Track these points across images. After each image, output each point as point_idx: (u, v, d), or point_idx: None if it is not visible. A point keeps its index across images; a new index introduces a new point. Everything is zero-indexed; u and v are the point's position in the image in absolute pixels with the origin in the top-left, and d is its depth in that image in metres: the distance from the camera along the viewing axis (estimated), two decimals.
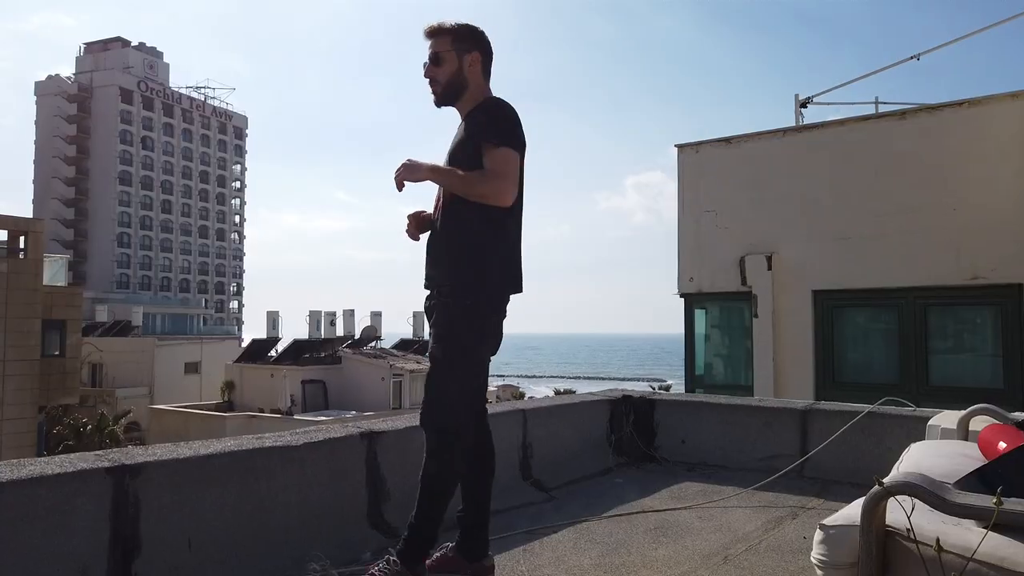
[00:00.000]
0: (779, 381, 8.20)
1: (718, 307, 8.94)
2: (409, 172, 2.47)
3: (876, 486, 1.56)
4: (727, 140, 8.59)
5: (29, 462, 2.18)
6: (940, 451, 2.37)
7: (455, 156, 2.55)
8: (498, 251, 2.51)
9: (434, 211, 2.63)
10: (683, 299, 8.88)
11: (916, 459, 2.25)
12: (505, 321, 2.61)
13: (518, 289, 2.57)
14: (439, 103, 2.60)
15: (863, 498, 1.60)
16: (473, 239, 2.50)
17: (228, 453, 2.47)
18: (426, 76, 2.59)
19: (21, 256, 22.71)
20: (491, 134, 2.45)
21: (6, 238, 23.12)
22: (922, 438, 3.00)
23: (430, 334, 2.56)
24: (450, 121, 2.72)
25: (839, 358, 8.01)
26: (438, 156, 2.67)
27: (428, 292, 2.61)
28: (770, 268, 8.12)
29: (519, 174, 2.51)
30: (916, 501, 1.52)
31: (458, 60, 2.55)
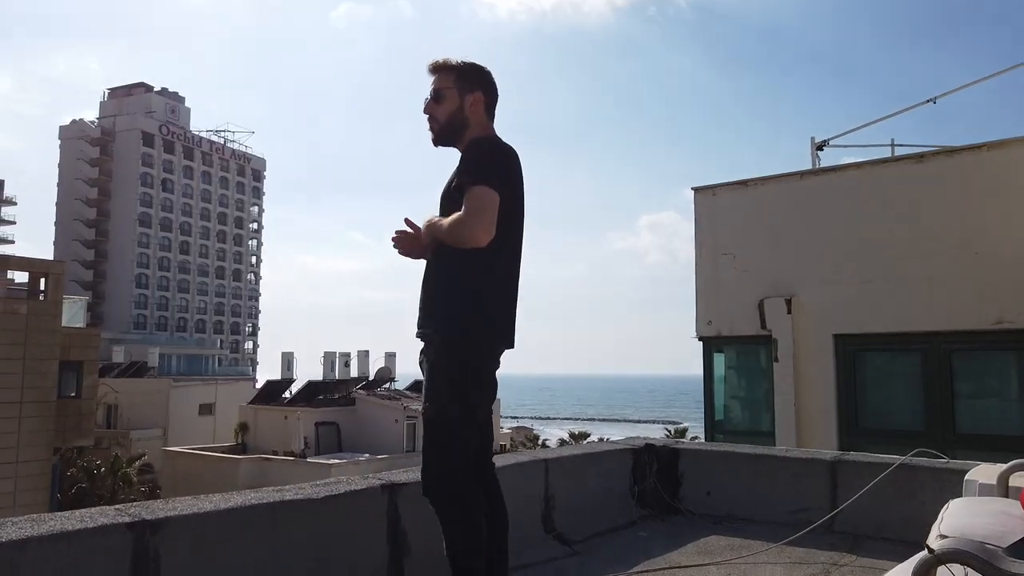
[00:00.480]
0: (801, 427, 8.06)
1: (737, 351, 8.85)
2: (408, 248, 2.48)
3: (925, 552, 1.49)
4: (743, 183, 8.59)
5: (49, 517, 2.15)
6: (982, 510, 2.29)
7: (444, 203, 2.44)
8: (486, 302, 2.36)
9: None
10: (702, 342, 8.80)
11: (957, 519, 2.17)
12: (519, 361, 2.55)
13: (509, 344, 2.43)
14: (437, 142, 2.48)
15: (908, 563, 1.54)
16: (458, 287, 2.35)
17: (249, 507, 2.43)
18: (425, 112, 2.48)
19: (41, 298, 22.95)
20: (468, 173, 2.32)
21: (27, 280, 23.42)
22: (957, 492, 2.91)
23: (423, 391, 2.42)
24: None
25: (862, 404, 7.87)
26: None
27: (418, 330, 2.46)
28: (790, 311, 8.05)
29: (510, 214, 2.35)
30: (968, 569, 1.45)
31: (459, 98, 2.44)
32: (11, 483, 21.76)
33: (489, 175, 2.29)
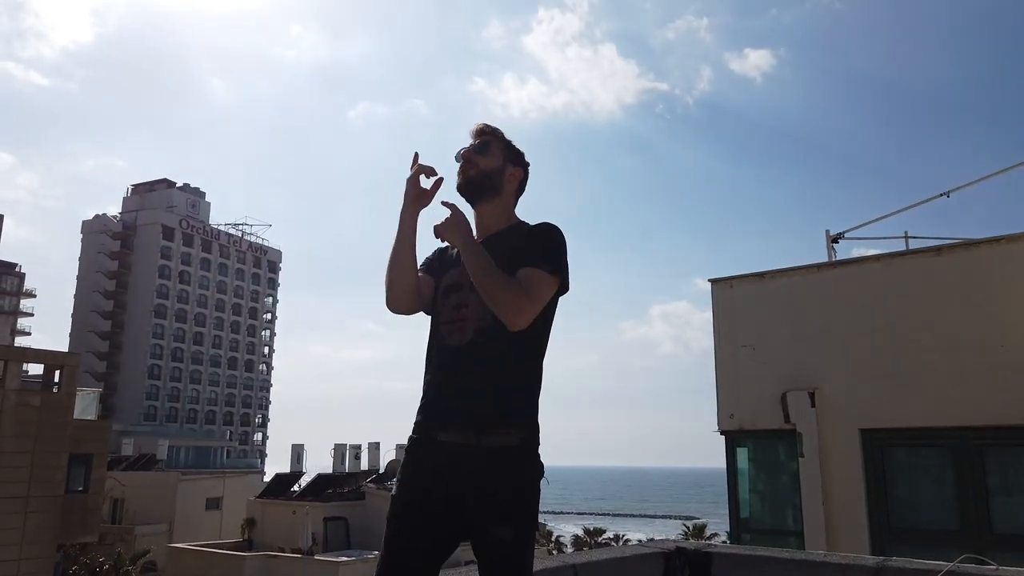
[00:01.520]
0: (831, 525, 7.77)
1: (761, 445, 8.64)
2: (453, 232, 2.15)
3: None
4: (761, 275, 8.61)
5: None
6: None
7: (519, 261, 2.15)
8: (540, 387, 2.16)
9: (456, 301, 2.19)
10: (724, 436, 8.61)
11: None
12: None
13: None
14: (464, 189, 2.26)
15: None
16: (538, 380, 2.15)
17: None
18: (463, 156, 2.27)
19: (55, 390, 22.96)
20: (549, 258, 2.13)
21: (42, 372, 23.49)
22: None
23: (484, 503, 2.00)
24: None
25: (893, 501, 7.61)
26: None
27: (453, 430, 2.07)
28: (813, 405, 7.90)
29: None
30: None
31: (503, 161, 2.30)
32: None
33: (564, 273, 2.17)
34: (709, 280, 8.92)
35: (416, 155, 2.23)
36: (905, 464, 7.75)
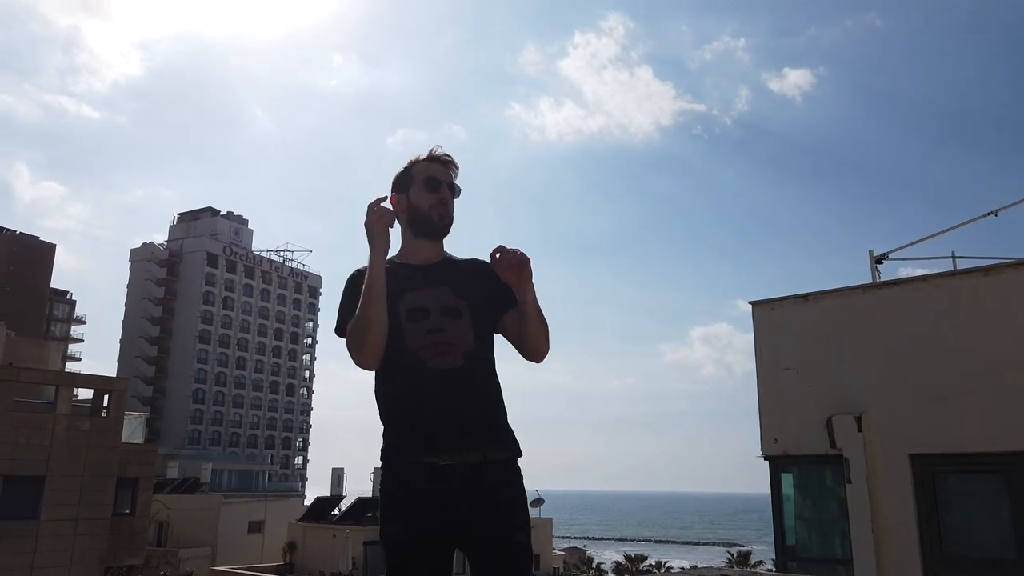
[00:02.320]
0: (880, 553, 7.55)
1: (806, 471, 8.46)
2: (528, 279, 2.18)
3: None
4: (804, 297, 8.48)
5: None
6: None
7: (505, 302, 2.28)
8: None
9: (453, 331, 2.23)
10: (768, 462, 8.45)
11: None
12: (566, 477, 2.38)
13: None
14: (445, 235, 2.37)
15: None
16: (498, 383, 2.32)
17: None
18: (445, 202, 2.35)
19: (103, 414, 23.51)
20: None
21: (91, 396, 24.10)
22: None
23: (515, 517, 2.16)
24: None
25: (946, 529, 7.37)
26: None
27: (460, 451, 2.13)
28: (860, 430, 7.72)
29: None
30: None
31: None
32: None
33: None
34: (750, 302, 8.82)
35: (383, 198, 2.24)
36: (957, 490, 7.51)
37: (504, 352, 2.34)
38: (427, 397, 2.16)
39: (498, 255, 2.19)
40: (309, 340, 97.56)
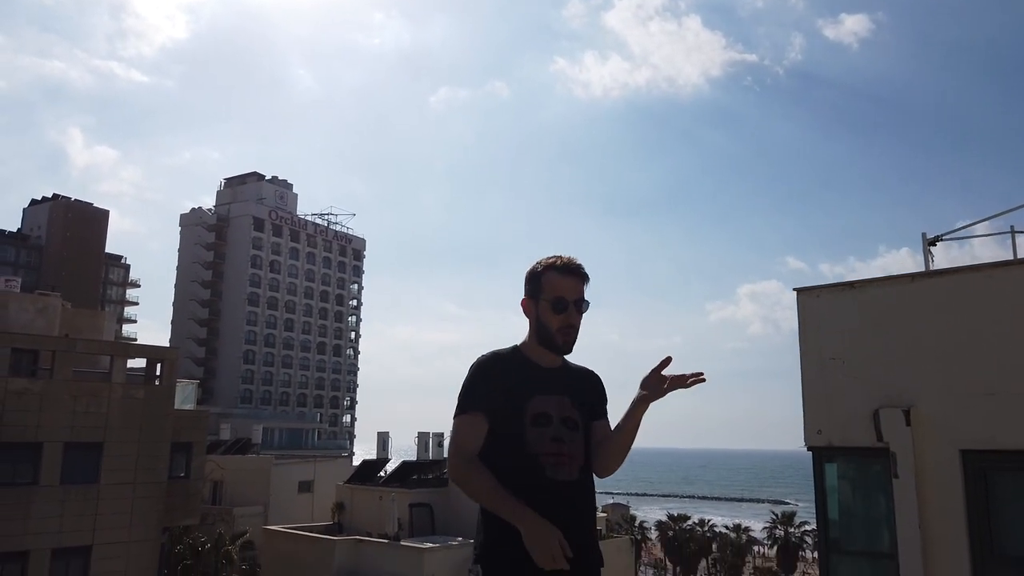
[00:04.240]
0: (927, 549, 7.35)
1: (851, 463, 8.24)
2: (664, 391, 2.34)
3: None
4: (851, 284, 8.18)
5: None
6: None
7: (603, 413, 2.52)
8: None
9: (570, 457, 2.37)
10: (811, 452, 8.26)
11: None
12: None
13: None
14: (567, 354, 2.46)
15: None
16: None
17: None
18: (571, 326, 2.40)
19: (156, 383, 24.25)
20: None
21: (144, 366, 24.86)
22: None
23: None
24: (557, 241, 2.39)
25: (997, 527, 7.12)
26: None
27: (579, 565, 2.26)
28: (909, 424, 7.45)
29: None
30: None
31: None
32: (123, 561, 22.64)
33: None
34: (794, 289, 8.53)
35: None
36: (1011, 488, 7.24)
37: None
38: (547, 506, 2.21)
39: (674, 372, 2.31)
40: (354, 302, 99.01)
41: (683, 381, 2.30)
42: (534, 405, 2.32)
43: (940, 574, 7.25)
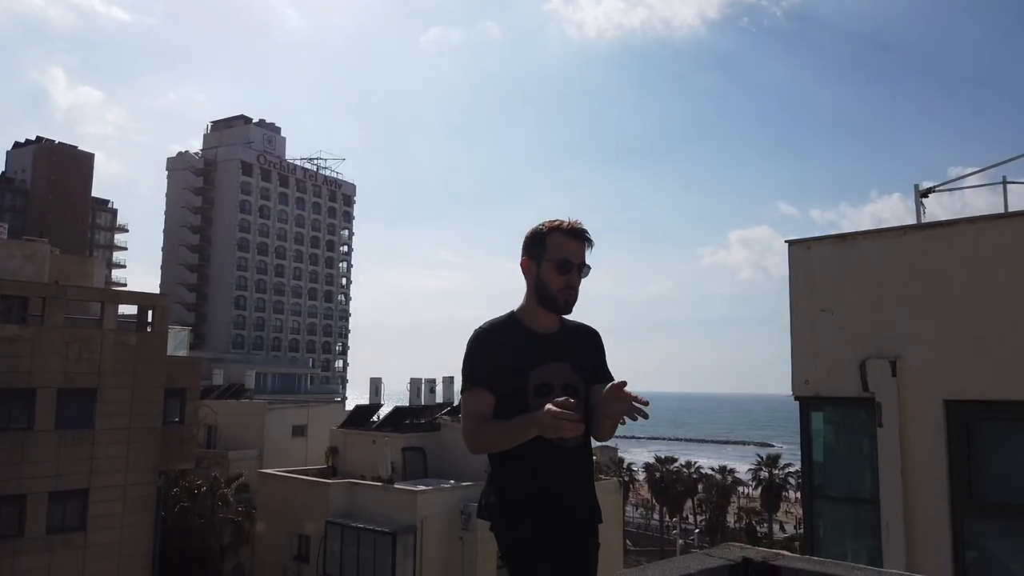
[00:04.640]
0: (908, 494, 7.55)
1: (837, 413, 8.39)
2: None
3: None
4: (842, 237, 8.19)
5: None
6: None
7: (603, 374, 2.58)
8: None
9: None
10: (798, 402, 8.40)
11: None
12: None
13: None
14: (567, 314, 2.52)
15: None
16: None
17: None
18: (573, 287, 2.44)
19: (148, 330, 24.26)
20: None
21: (135, 312, 24.82)
22: None
23: (594, 550, 2.55)
24: (549, 187, 2.42)
25: (978, 476, 7.30)
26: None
27: (583, 514, 2.52)
28: (895, 374, 7.57)
29: None
30: None
31: None
32: (120, 504, 23.02)
33: None
34: (786, 241, 8.54)
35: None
36: (993, 438, 7.41)
37: None
38: (554, 470, 2.39)
39: (624, 395, 2.25)
40: (345, 248, 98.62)
41: (631, 411, 2.24)
42: (535, 376, 2.40)
43: (920, 519, 7.47)
